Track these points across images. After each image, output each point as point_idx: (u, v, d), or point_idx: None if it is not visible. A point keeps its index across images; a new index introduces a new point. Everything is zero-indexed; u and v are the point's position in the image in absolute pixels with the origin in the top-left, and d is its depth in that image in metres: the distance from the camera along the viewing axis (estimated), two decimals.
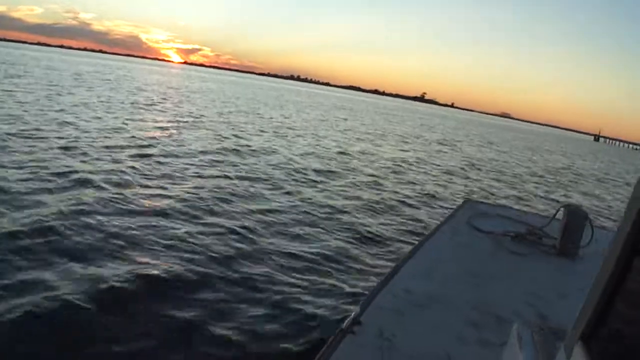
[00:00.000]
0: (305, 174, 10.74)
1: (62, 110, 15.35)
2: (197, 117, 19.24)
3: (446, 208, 9.08)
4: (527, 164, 22.22)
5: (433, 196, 10.56)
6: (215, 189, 7.98)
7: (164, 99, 27.43)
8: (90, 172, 7.86)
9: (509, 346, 1.43)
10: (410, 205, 9.32)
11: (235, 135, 15.37)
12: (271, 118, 24.68)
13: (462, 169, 16.47)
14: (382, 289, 2.86)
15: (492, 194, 12.26)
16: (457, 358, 2.25)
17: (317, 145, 16.24)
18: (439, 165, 16.09)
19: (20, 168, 7.46)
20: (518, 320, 1.42)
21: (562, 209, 4.21)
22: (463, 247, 3.99)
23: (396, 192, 10.29)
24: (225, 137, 14.61)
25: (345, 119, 33.44)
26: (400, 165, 14.54)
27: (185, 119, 17.91)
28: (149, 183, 7.80)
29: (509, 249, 4.07)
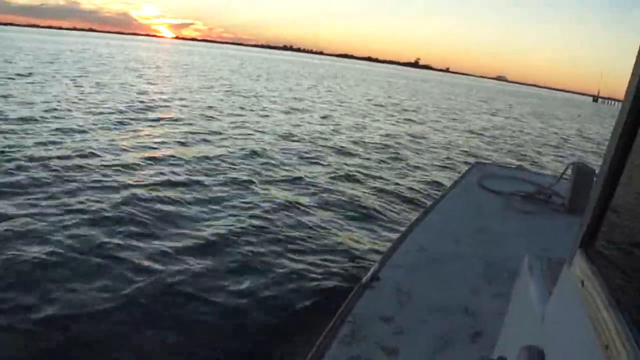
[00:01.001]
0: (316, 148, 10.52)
1: None
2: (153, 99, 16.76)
3: (458, 172, 9.17)
4: (539, 131, 21.62)
5: (445, 165, 10.86)
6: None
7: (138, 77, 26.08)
8: None
9: (520, 276, 1.50)
10: (423, 170, 9.76)
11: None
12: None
13: (472, 137, 15.96)
14: (398, 246, 2.99)
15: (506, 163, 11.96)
16: (473, 309, 2.36)
17: (330, 121, 15.61)
18: (446, 137, 15.44)
19: None
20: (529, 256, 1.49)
21: (570, 167, 4.21)
22: (474, 206, 4.08)
23: (408, 161, 10.57)
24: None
25: (329, 91, 32.15)
26: (408, 137, 14.08)
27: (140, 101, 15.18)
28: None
29: (519, 208, 4.15)
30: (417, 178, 9.02)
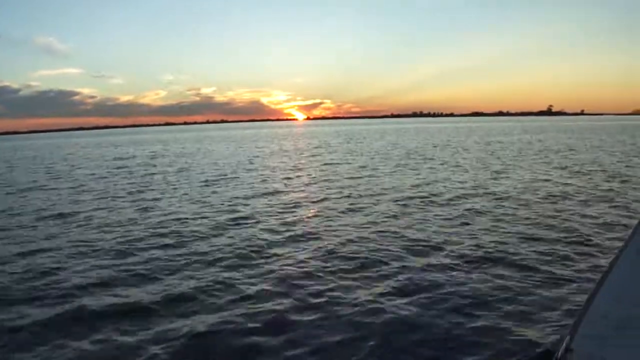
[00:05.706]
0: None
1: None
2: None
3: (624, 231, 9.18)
4: None
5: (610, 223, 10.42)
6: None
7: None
8: None
9: None
10: (588, 234, 9.46)
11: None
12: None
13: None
14: (583, 315, 2.92)
15: None
16: None
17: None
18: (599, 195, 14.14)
19: None
20: None
21: None
22: None
23: (577, 221, 10.64)
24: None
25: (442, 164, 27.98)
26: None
27: None
28: None
29: None
30: (585, 241, 8.96)
